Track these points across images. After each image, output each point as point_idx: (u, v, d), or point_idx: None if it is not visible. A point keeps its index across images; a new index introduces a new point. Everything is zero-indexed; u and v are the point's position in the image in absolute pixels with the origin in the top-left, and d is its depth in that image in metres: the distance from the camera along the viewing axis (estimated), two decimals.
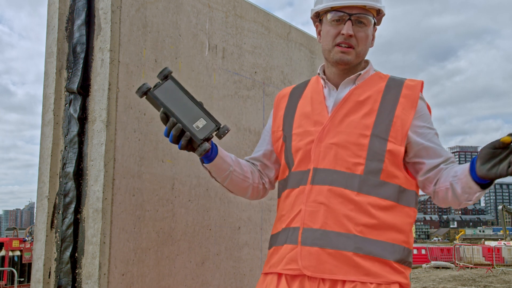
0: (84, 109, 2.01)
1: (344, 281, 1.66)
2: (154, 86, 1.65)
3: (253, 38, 2.72)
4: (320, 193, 1.72)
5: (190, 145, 1.66)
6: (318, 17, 1.90)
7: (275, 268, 1.77)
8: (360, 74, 1.84)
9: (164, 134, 1.67)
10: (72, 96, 2.04)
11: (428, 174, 1.78)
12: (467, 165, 1.64)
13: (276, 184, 2.03)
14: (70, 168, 1.99)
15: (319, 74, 1.90)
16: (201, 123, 1.65)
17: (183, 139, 1.63)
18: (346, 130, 1.76)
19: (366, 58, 1.91)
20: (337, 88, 1.85)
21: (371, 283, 1.65)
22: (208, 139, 1.66)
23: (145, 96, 1.64)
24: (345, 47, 1.79)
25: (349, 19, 1.78)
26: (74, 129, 2.00)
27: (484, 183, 1.60)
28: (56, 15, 2.11)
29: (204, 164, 1.81)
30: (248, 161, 2.00)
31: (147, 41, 2.12)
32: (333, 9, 1.80)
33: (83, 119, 2.01)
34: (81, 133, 2.00)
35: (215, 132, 1.67)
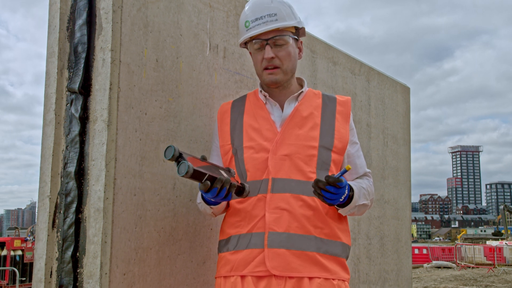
0: (85, 108, 2.02)
1: (309, 278, 1.83)
2: (180, 164, 1.64)
3: None
4: (282, 200, 1.87)
5: (240, 193, 1.82)
6: (246, 46, 2.08)
7: (239, 271, 1.86)
8: (302, 92, 2.04)
9: (210, 196, 1.74)
10: (73, 96, 2.04)
11: None
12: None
13: None
14: (72, 168, 1.99)
15: (261, 91, 2.05)
16: (225, 174, 1.79)
17: (232, 189, 1.76)
18: (296, 142, 1.93)
19: (299, 75, 2.11)
20: (279, 104, 2.02)
21: (333, 279, 1.85)
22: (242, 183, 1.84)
23: (188, 176, 1.63)
24: (271, 68, 1.96)
25: (267, 44, 1.95)
26: (76, 128, 2.01)
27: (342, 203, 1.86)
28: (58, 15, 2.12)
29: (211, 206, 1.94)
30: None
31: (148, 41, 2.12)
32: (251, 39, 1.98)
33: (84, 119, 2.01)
34: (83, 133, 2.01)
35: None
